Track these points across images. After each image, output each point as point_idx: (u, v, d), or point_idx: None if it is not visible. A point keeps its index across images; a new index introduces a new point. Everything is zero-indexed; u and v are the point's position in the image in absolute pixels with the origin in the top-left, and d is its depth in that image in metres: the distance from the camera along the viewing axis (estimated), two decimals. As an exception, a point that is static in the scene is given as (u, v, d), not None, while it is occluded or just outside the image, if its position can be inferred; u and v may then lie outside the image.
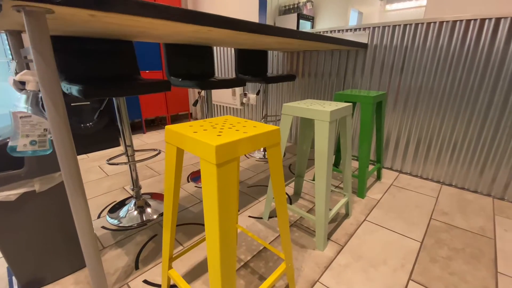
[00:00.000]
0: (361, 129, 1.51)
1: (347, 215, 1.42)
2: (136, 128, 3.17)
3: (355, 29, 1.95)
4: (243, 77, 1.99)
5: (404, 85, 1.82)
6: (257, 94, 2.08)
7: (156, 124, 3.44)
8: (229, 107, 3.19)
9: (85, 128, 2.29)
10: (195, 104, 1.60)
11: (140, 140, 2.74)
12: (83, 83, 1.02)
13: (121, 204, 1.49)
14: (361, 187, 1.59)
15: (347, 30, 2.00)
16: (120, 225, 1.33)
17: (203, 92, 1.74)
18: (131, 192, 1.64)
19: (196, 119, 3.74)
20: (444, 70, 1.65)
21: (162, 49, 1.73)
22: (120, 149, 2.48)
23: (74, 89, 0.99)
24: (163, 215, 0.85)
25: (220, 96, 3.16)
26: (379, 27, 1.84)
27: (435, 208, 1.50)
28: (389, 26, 1.79)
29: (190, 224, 1.33)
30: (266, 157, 2.26)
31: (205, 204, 0.63)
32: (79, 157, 2.26)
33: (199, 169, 2.00)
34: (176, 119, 3.69)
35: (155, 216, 1.39)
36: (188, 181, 1.82)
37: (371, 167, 2.02)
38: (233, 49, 2.85)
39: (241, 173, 1.95)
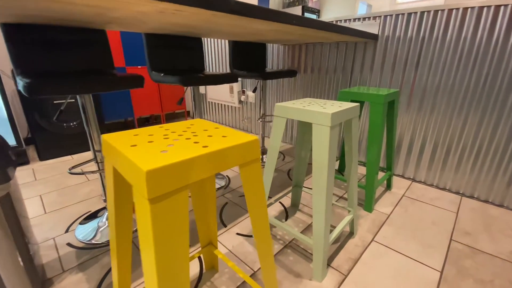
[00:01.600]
0: (369, 132, 1.30)
1: (351, 233, 1.22)
2: (130, 127, 3.01)
3: (364, 18, 1.72)
4: (237, 72, 1.79)
5: (419, 82, 1.59)
6: (254, 91, 1.88)
7: (150, 122, 3.27)
8: (227, 105, 3.00)
9: (68, 127, 2.13)
10: (179, 102, 1.41)
11: (131, 140, 2.57)
12: (37, 78, 0.84)
13: (94, 215, 1.32)
14: (369, 199, 1.38)
15: (355, 20, 1.78)
16: (88, 241, 1.15)
17: (188, 89, 1.54)
18: (104, 203, 1.46)
19: (194, 118, 3.57)
20: (467, 65, 1.42)
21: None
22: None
23: (20, 85, 0.81)
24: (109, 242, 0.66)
25: (217, 93, 2.97)
26: (391, 15, 1.61)
27: (456, 226, 1.29)
28: (403, 14, 1.57)
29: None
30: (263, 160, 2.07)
31: (141, 248, 0.45)
32: (62, 158, 2.11)
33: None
34: (172, 118, 3.52)
35: (130, 231, 1.21)
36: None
37: (380, 174, 1.81)
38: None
39: (233, 180, 1.76)
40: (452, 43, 1.44)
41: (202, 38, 1.94)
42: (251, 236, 1.20)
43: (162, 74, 1.31)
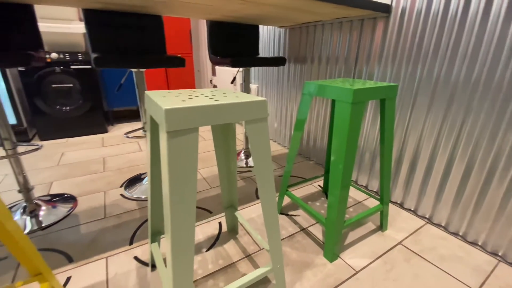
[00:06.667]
0: (332, 140, 0.87)
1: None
2: (139, 115, 3.03)
3: (374, -14, 1.23)
4: (213, 58, 1.51)
5: (446, 77, 1.04)
6: (232, 82, 1.57)
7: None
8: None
9: (66, 111, 2.19)
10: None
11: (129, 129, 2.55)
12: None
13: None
14: (329, 241, 0.95)
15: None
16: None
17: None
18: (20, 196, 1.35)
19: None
20: (531, 47, 0.84)
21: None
22: (110, 135, 2.31)
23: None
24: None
25: (221, 82, 2.72)
26: (411, -24, 1.09)
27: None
28: (428, -28, 1.04)
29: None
30: (247, 165, 1.74)
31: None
32: (57, 141, 2.18)
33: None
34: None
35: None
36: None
37: (365, 204, 1.29)
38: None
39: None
40: (499, 25, 0.87)
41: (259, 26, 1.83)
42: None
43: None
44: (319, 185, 1.52)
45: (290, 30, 1.80)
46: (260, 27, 2.04)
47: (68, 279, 0.86)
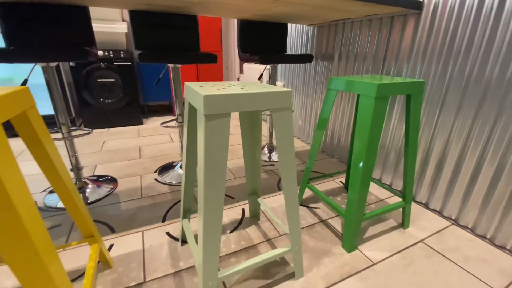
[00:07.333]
0: (355, 135, 0.90)
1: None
2: (172, 110, 3.22)
3: (406, -17, 1.22)
4: (243, 56, 1.59)
5: (479, 74, 1.02)
6: (259, 79, 1.64)
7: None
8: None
9: (108, 104, 2.41)
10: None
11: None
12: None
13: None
14: (348, 232, 0.98)
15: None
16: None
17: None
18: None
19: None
20: None
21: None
22: (144, 127, 2.51)
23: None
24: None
25: (248, 80, 2.81)
26: (445, -27, 1.08)
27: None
28: (463, -32, 1.02)
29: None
30: (270, 159, 1.81)
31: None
32: (100, 130, 2.41)
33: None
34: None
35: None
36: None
37: (388, 202, 1.28)
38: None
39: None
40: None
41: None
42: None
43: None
44: (341, 181, 1.53)
45: (318, 28, 1.83)
46: (288, 25, 2.09)
47: (111, 246, 0.99)
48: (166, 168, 1.62)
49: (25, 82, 1.14)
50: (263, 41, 1.68)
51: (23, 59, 0.98)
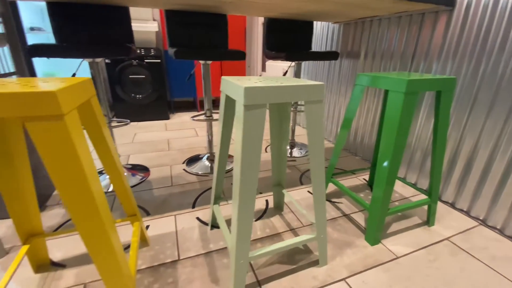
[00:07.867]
0: (383, 130, 0.92)
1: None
2: (196, 106, 3.33)
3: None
4: (269, 53, 1.64)
5: (515, 72, 1.00)
6: (284, 74, 1.68)
7: (215, 104, 3.52)
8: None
9: (138, 99, 2.55)
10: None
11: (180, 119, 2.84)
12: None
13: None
14: (372, 225, 1.00)
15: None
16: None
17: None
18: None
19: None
20: None
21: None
22: (171, 121, 2.64)
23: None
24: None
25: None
26: (481, -31, 1.06)
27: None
28: (501, -36, 1.00)
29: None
30: (291, 155, 1.85)
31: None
32: (130, 123, 2.56)
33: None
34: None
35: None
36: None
37: (412, 200, 1.27)
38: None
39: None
40: None
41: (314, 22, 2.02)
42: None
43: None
44: (364, 179, 1.54)
45: (344, 26, 1.83)
46: (314, 22, 2.10)
47: (147, 226, 1.08)
48: (193, 160, 1.71)
49: (73, 76, 1.27)
50: (289, 38, 1.71)
51: (76, 55, 1.09)
